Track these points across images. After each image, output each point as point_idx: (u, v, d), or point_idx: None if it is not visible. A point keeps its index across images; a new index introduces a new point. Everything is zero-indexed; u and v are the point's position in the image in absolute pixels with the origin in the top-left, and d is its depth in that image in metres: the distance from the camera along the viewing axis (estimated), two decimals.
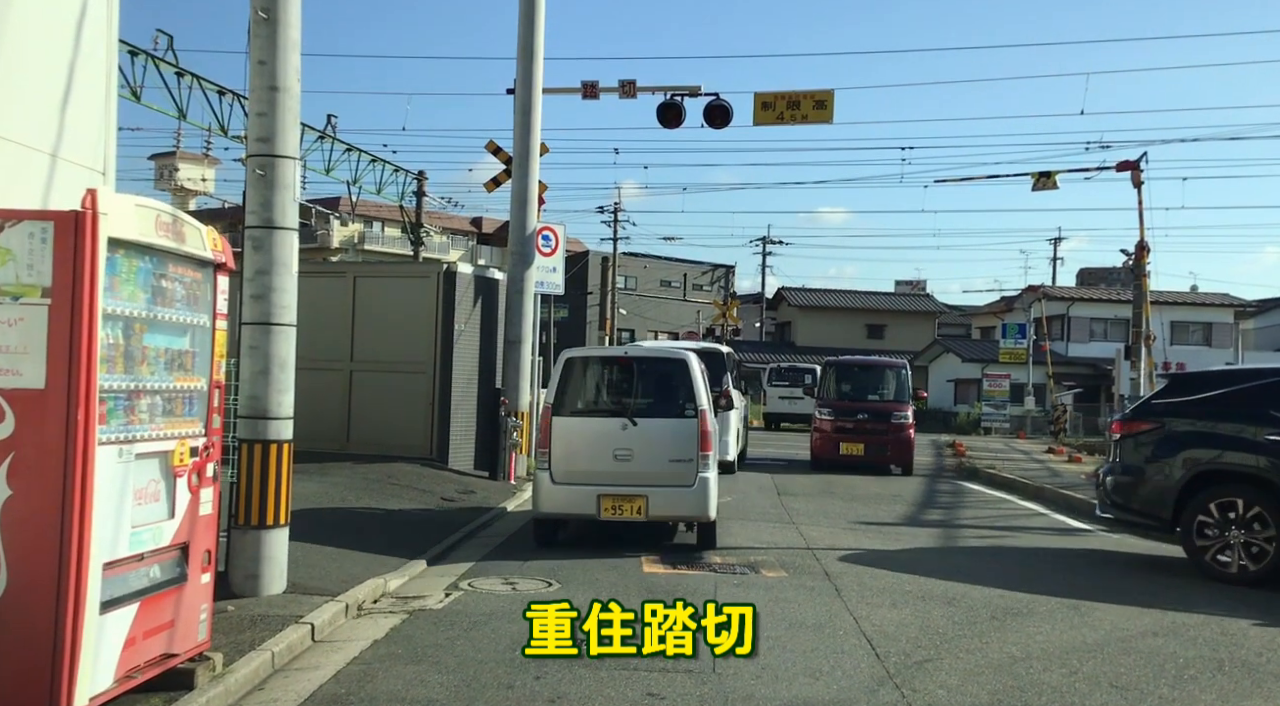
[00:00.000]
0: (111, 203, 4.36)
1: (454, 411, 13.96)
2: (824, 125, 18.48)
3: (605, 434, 9.30)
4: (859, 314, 60.33)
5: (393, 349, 13.95)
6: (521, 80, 14.74)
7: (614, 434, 9.25)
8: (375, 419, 13.88)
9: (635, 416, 9.33)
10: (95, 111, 6.62)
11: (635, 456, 9.20)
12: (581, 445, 9.32)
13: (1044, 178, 19.10)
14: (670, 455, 9.23)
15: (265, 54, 6.85)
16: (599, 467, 9.22)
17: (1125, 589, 8.45)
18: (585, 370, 9.90)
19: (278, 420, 6.95)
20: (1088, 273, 60.18)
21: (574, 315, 58.24)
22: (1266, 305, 52.22)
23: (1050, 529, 12.21)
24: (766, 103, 15.91)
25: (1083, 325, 51.97)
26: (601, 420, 9.53)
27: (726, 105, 17.63)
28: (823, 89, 15.79)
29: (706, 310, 55.49)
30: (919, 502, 14.39)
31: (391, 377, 13.92)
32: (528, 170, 14.63)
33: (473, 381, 14.38)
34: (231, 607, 6.43)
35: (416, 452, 13.75)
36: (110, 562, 4.39)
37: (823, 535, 10.74)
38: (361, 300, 14.12)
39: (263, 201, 6.89)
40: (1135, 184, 20.04)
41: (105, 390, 4.35)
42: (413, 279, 14.43)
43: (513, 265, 14.72)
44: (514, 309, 14.56)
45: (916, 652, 6.21)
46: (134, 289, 4.60)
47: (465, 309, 14.18)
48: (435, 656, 5.93)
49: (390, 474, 12.84)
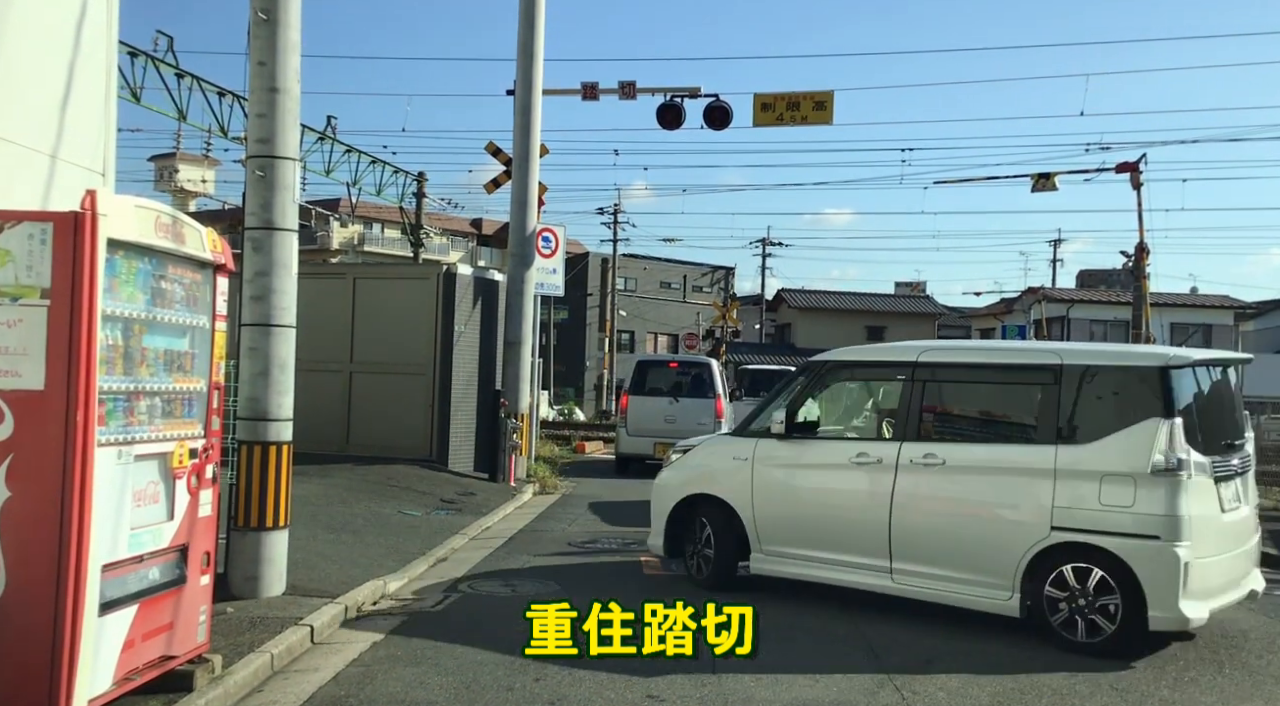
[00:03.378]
0: (111, 204, 4.35)
1: (454, 413, 13.95)
2: (824, 126, 18.49)
3: (660, 406, 16.59)
4: (859, 315, 60.27)
5: (392, 350, 13.95)
6: (521, 81, 14.75)
7: (665, 406, 16.65)
8: (375, 420, 13.87)
9: (679, 396, 16.83)
10: (95, 112, 6.61)
11: (677, 420, 16.09)
12: (645, 412, 16.39)
13: (1043, 179, 19.10)
14: (698, 421, 15.82)
15: (265, 55, 6.85)
16: (655, 427, 16.08)
17: None
18: (648, 368, 16.68)
19: (277, 422, 6.94)
20: (1087, 274, 60.17)
21: (574, 317, 58.31)
22: (1266, 307, 52.19)
23: None
24: (766, 104, 15.91)
25: (1083, 327, 51.91)
26: (658, 398, 16.88)
27: (726, 106, 17.65)
28: (822, 90, 15.81)
29: (706, 312, 55.44)
30: None
31: (391, 379, 13.92)
32: (527, 171, 14.63)
33: (472, 383, 14.38)
34: (231, 609, 6.42)
35: (416, 454, 13.74)
36: (109, 564, 4.39)
37: None
38: (361, 301, 14.12)
39: (262, 203, 6.89)
40: (1135, 186, 20.03)
41: (105, 391, 4.35)
42: (412, 280, 14.42)
43: (512, 266, 14.72)
44: (514, 310, 14.56)
45: (917, 654, 6.21)
46: (133, 290, 4.59)
47: (465, 310, 14.18)
48: (435, 658, 5.92)
49: (390, 476, 12.83)
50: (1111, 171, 20.11)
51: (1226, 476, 6.53)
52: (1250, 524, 6.93)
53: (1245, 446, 6.97)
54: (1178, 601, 6.01)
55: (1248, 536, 6.84)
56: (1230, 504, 6.54)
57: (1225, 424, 6.94)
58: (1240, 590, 6.66)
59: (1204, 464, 6.28)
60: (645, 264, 61.09)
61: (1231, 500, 6.57)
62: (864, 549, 7.17)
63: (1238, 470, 6.71)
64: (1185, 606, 6.03)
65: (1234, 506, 6.60)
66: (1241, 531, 6.74)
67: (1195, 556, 6.08)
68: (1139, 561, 6.12)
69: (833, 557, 7.33)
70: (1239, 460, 6.76)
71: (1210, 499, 6.35)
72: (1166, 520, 6.09)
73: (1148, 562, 6.09)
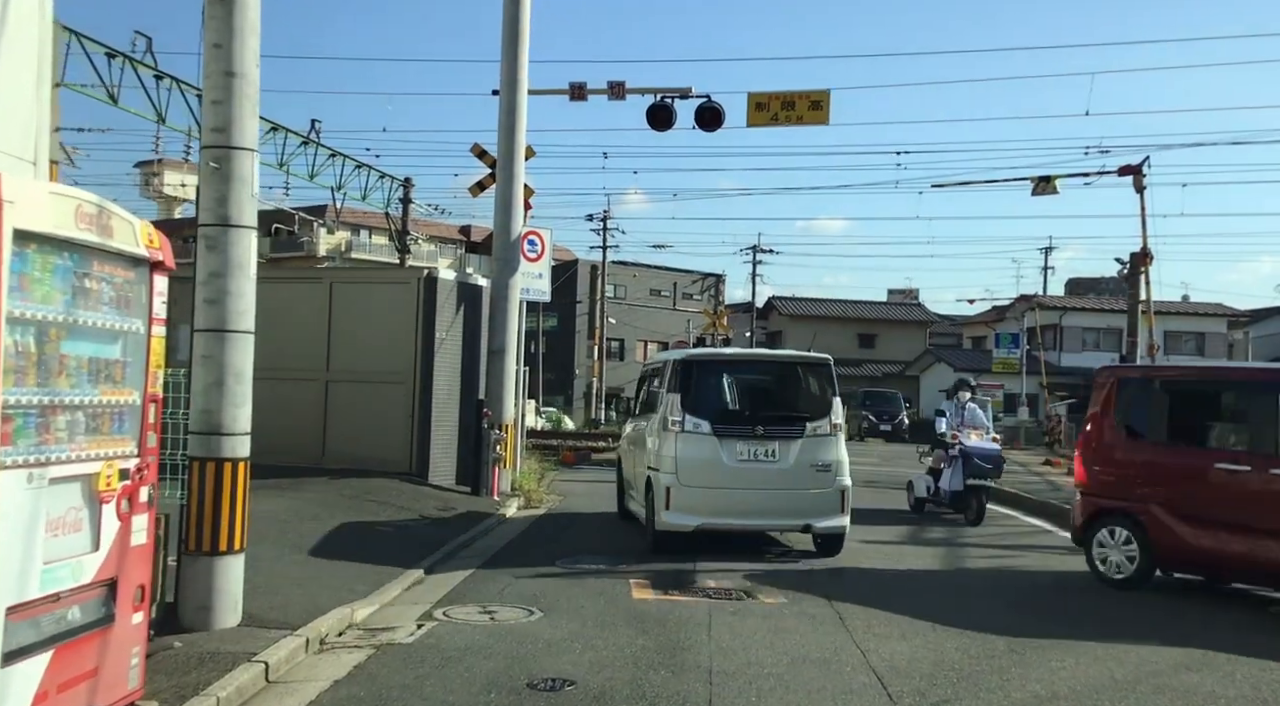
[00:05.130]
0: (18, 189, 3.79)
1: (435, 424, 13.37)
2: (820, 127, 17.96)
3: None
4: (850, 323, 59.91)
5: (371, 359, 13.36)
6: (506, 80, 14.19)
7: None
8: (352, 432, 13.28)
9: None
10: (25, 98, 6.03)
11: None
12: None
13: (1044, 182, 18.63)
14: None
15: (221, 37, 6.28)
16: None
17: (1146, 617, 7.91)
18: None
19: (233, 436, 6.34)
20: (1076, 283, 59.98)
21: (563, 324, 57.73)
22: (1260, 315, 52.03)
23: (1058, 547, 11.66)
24: (760, 103, 15.38)
25: (1075, 335, 51.67)
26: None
27: (718, 107, 17.09)
28: (818, 89, 15.28)
29: (697, 319, 54.97)
30: (921, 520, 13.84)
31: (369, 389, 13.33)
32: (512, 173, 14.06)
33: (455, 392, 13.80)
34: (179, 644, 5.82)
35: (395, 467, 13.15)
36: (16, 606, 3.81)
37: None
38: (339, 307, 13.53)
39: (218, 197, 6.31)
40: (1137, 189, 19.57)
41: (12, 405, 3.78)
42: (392, 285, 13.84)
43: (497, 271, 14.14)
44: (498, 317, 13.98)
45: (932, 692, 5.65)
46: (49, 289, 4.02)
47: (447, 317, 13.60)
48: (402, 699, 5.34)
49: (367, 490, 12.25)
50: (1114, 175, 19.67)
51: (732, 435, 9.83)
52: (773, 472, 9.89)
53: None
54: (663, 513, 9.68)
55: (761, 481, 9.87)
56: (741, 455, 9.84)
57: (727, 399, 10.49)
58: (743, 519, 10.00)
59: (702, 424, 9.86)
60: (635, 271, 60.60)
61: (742, 453, 9.84)
62: None
63: (742, 434, 9.88)
64: (668, 516, 9.68)
65: (744, 458, 9.85)
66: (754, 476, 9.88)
67: (679, 483, 9.69)
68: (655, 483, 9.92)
69: None
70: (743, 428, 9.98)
71: (712, 448, 9.80)
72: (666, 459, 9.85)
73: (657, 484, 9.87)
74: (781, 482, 9.84)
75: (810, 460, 9.92)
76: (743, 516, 9.90)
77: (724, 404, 10.33)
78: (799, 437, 9.93)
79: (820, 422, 10.05)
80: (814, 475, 9.90)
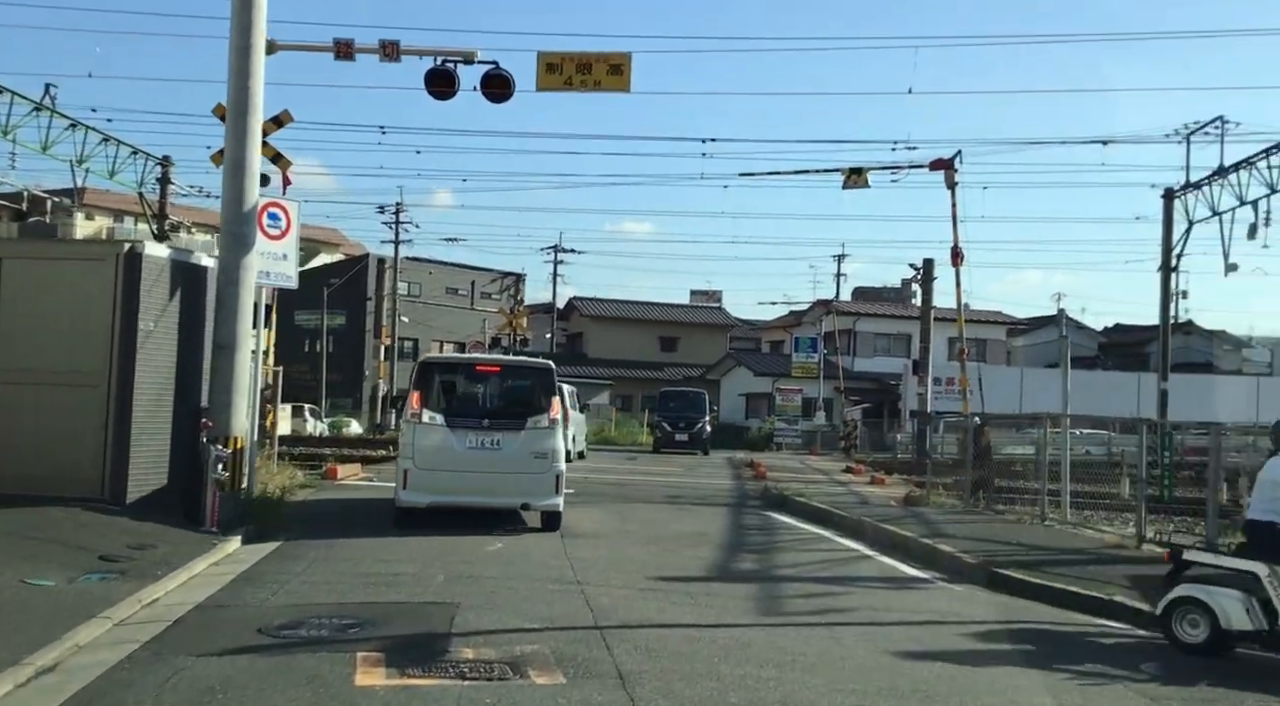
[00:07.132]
0: None
1: (137, 437, 10.60)
2: (622, 104, 16.09)
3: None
4: (653, 326, 59.08)
5: (50, 354, 10.52)
6: (238, 14, 11.53)
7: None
8: (22, 446, 10.37)
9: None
10: None
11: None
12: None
13: (855, 174, 17.53)
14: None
15: None
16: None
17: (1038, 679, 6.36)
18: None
19: None
20: (861, 292, 61.44)
21: (352, 322, 54.04)
22: (1036, 323, 54.75)
23: (884, 579, 10.17)
24: (552, 64, 13.35)
25: (868, 340, 52.49)
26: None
27: (506, 74, 14.89)
28: (619, 52, 13.41)
29: (495, 319, 52.63)
30: (728, 544, 12.13)
31: (47, 391, 10.47)
32: (245, 128, 11.40)
33: (167, 397, 11.06)
34: None
35: (81, 491, 10.34)
36: None
37: (615, 602, 8.17)
38: (8, 289, 10.58)
39: None
40: (948, 185, 18.80)
41: None
42: (81, 262, 10.94)
43: (226, 249, 11.43)
44: (226, 305, 11.30)
45: None
46: None
47: (157, 303, 10.87)
48: None
49: (35, 522, 9.47)
50: (924, 168, 18.82)
51: (462, 426, 11.62)
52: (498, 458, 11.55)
53: None
54: None
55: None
56: (470, 444, 11.53)
57: None
58: None
59: (436, 416, 11.64)
60: (431, 268, 57.77)
61: (471, 442, 11.55)
62: None
63: (471, 426, 11.67)
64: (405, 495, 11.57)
65: (472, 446, 11.53)
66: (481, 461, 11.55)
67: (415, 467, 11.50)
68: None
69: None
70: None
71: (444, 437, 11.56)
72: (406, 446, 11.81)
73: None
74: (504, 467, 11.50)
75: (530, 449, 11.56)
76: (470, 495, 11.61)
77: (456, 400, 12.16)
78: (521, 430, 11.63)
79: (540, 417, 11.72)
80: (533, 461, 11.53)
